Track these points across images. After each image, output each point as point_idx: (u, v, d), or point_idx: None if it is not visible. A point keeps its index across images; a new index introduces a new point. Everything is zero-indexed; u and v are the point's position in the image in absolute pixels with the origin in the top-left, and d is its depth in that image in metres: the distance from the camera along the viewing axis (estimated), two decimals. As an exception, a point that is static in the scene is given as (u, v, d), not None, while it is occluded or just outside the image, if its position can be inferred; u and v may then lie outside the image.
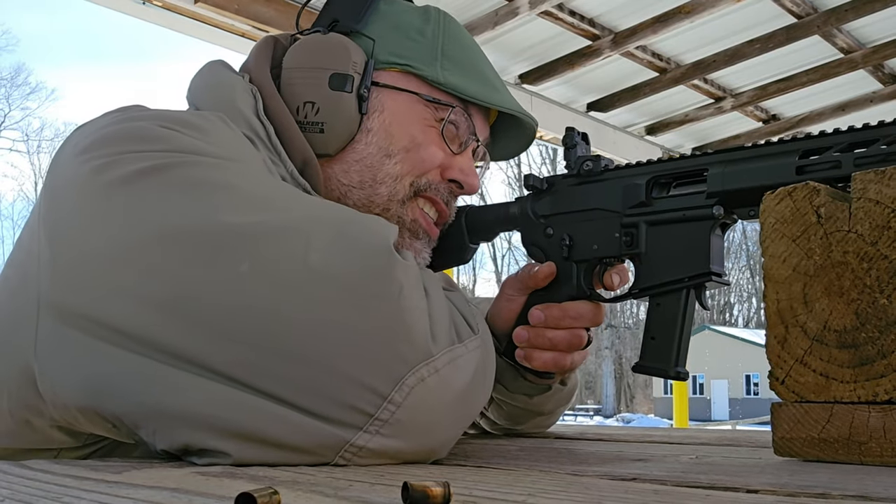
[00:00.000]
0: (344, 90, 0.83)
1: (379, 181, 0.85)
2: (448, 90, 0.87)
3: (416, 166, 0.86)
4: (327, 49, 0.85)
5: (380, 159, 0.85)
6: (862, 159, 0.66)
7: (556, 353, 0.88)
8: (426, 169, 0.87)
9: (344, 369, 0.58)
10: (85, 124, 0.74)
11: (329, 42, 0.85)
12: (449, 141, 0.88)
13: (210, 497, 0.43)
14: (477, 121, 0.91)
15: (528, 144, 0.98)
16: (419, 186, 0.87)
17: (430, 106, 0.87)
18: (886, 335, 0.56)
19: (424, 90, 0.87)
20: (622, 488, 0.47)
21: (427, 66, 0.87)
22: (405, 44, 0.88)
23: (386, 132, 0.85)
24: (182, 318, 0.59)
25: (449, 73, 0.87)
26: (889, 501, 0.40)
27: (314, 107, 0.83)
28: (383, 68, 0.87)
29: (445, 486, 0.39)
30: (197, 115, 0.74)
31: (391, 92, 0.86)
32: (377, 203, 0.85)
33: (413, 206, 0.87)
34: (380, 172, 0.85)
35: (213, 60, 0.88)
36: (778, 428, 0.62)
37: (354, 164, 0.85)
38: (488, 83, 0.90)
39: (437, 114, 0.87)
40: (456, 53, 0.89)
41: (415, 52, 0.87)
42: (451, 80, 0.87)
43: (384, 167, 0.85)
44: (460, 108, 0.88)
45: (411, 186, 0.86)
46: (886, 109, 4.44)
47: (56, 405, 0.65)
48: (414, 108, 0.87)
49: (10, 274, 0.71)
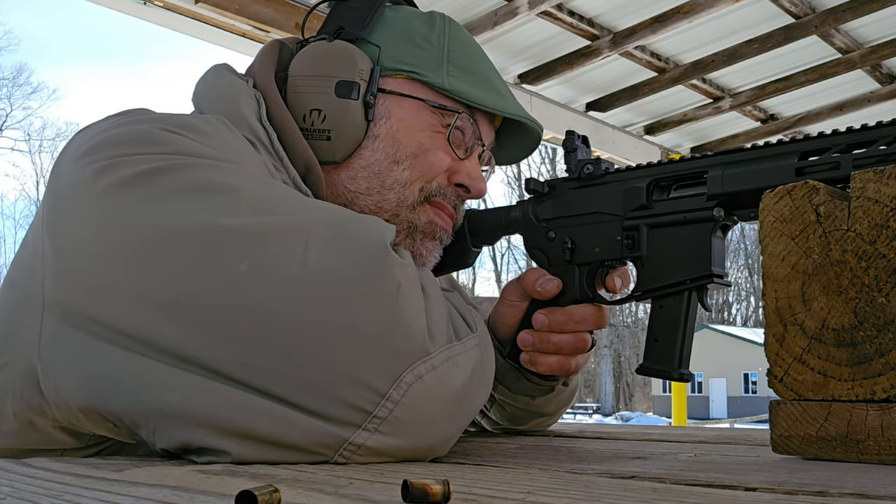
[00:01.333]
0: (350, 97, 0.84)
1: (388, 187, 0.86)
2: (454, 97, 0.87)
3: (424, 172, 0.87)
4: (333, 56, 0.85)
5: (388, 166, 0.86)
6: (860, 160, 0.66)
7: (561, 357, 0.89)
8: (434, 174, 0.88)
9: (342, 367, 0.59)
10: (87, 127, 0.75)
11: (335, 49, 0.86)
12: (455, 146, 0.89)
13: (211, 495, 0.43)
14: (482, 126, 0.91)
15: (532, 149, 0.98)
16: (429, 192, 0.88)
17: (436, 112, 0.88)
18: (884, 334, 0.57)
19: (431, 97, 0.87)
20: (621, 486, 0.47)
21: (433, 72, 0.87)
22: (411, 51, 0.88)
23: (393, 139, 0.86)
24: (181, 318, 0.60)
25: (455, 80, 0.88)
26: (886, 499, 0.41)
27: (321, 114, 0.84)
28: (389, 75, 0.87)
29: (445, 484, 0.39)
30: (199, 118, 0.74)
31: (397, 98, 0.87)
32: (386, 209, 0.86)
33: (425, 209, 0.88)
34: (388, 179, 0.86)
35: (218, 64, 0.88)
36: (776, 426, 0.62)
37: (362, 171, 0.86)
38: (494, 89, 0.91)
39: (443, 120, 0.88)
40: (461, 60, 0.90)
41: (421, 58, 0.88)
42: (457, 87, 0.87)
43: (392, 173, 0.86)
44: (466, 114, 0.89)
45: (420, 192, 0.87)
46: (884, 109, 4.44)
47: (58, 405, 0.65)
48: (420, 115, 0.87)
49: (15, 275, 0.72)
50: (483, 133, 0.91)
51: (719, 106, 4.49)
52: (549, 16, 3.51)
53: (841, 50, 3.92)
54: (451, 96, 0.88)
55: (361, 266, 0.62)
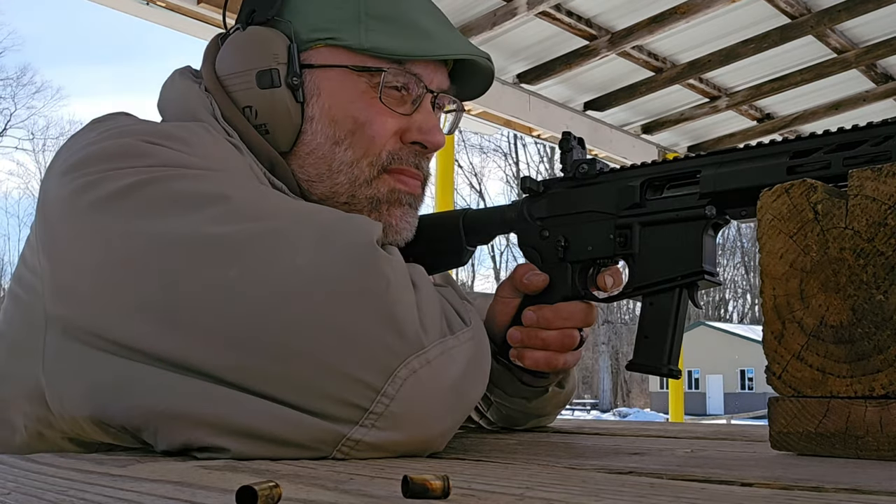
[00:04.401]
0: (273, 86, 0.80)
1: (335, 171, 0.82)
2: (375, 54, 0.81)
3: (367, 147, 0.82)
4: (245, 47, 0.82)
5: (330, 148, 0.82)
6: (851, 160, 0.67)
7: (549, 353, 0.88)
8: (380, 146, 0.82)
9: (336, 365, 0.59)
10: (70, 139, 0.75)
11: (246, 39, 0.82)
12: (395, 106, 0.83)
13: (212, 490, 0.43)
14: (426, 72, 0.84)
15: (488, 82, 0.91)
16: (381, 164, 0.83)
17: (363, 75, 0.81)
18: (882, 331, 0.57)
19: (353, 60, 0.81)
20: (619, 481, 0.47)
21: (349, 33, 0.81)
22: (325, 14, 0.82)
23: (328, 117, 0.81)
24: (175, 325, 0.61)
25: (374, 34, 0.81)
26: (882, 494, 0.41)
27: (252, 110, 0.81)
28: (309, 48, 0.81)
29: (445, 480, 0.39)
30: (179, 126, 0.74)
31: (322, 71, 0.81)
32: (340, 192, 0.82)
33: (383, 179, 0.83)
34: (333, 162, 0.82)
35: (178, 69, 0.87)
36: (775, 422, 0.62)
37: (308, 158, 0.82)
38: (423, 33, 0.83)
39: (371, 80, 0.81)
40: (381, 8, 0.82)
41: (336, 21, 0.81)
42: (376, 42, 0.80)
43: (336, 156, 0.82)
44: (396, 69, 0.82)
45: (371, 166, 0.82)
46: (879, 108, 4.46)
47: (64, 417, 0.66)
48: (347, 83, 0.81)
49: (18, 290, 0.72)
50: (426, 79, 0.84)
51: (716, 105, 4.50)
52: (548, 16, 3.51)
53: (836, 50, 3.93)
54: (373, 54, 0.81)
55: (350, 265, 0.62)
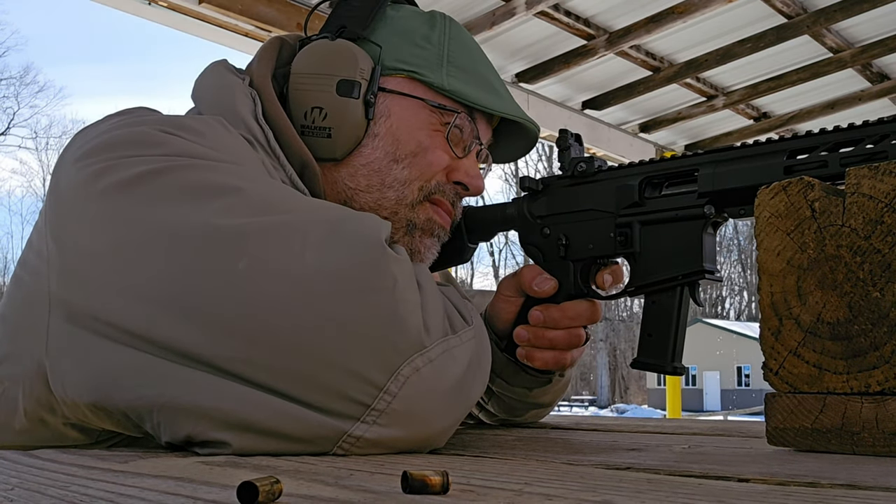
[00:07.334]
0: (351, 96, 0.84)
1: (387, 185, 0.86)
2: (453, 97, 0.88)
3: (423, 170, 0.88)
4: (335, 55, 0.86)
5: (387, 164, 0.86)
6: (847, 158, 0.67)
7: (557, 352, 0.90)
8: (433, 173, 0.89)
9: (340, 361, 0.59)
10: (86, 128, 0.75)
11: (337, 48, 0.86)
12: (454, 145, 0.90)
13: (214, 485, 0.43)
14: (480, 125, 0.92)
15: (529, 148, 0.99)
16: (428, 190, 0.88)
17: (435, 111, 0.89)
18: (879, 327, 0.57)
19: (430, 96, 0.88)
20: (616, 477, 0.48)
21: (433, 72, 0.88)
22: (411, 50, 0.89)
23: (393, 137, 0.87)
24: (181, 315, 0.61)
25: (454, 80, 0.89)
26: (877, 490, 0.41)
27: (321, 112, 0.84)
28: (390, 74, 0.88)
29: (444, 475, 0.39)
30: (196, 119, 0.75)
31: (398, 98, 0.88)
32: (385, 206, 0.87)
33: (424, 207, 0.89)
34: (388, 177, 0.86)
35: (216, 61, 0.88)
36: (772, 418, 0.63)
37: (361, 169, 0.86)
38: (492, 90, 0.92)
39: (442, 119, 0.89)
40: (461, 60, 0.91)
41: (421, 58, 0.89)
42: (455, 87, 0.88)
43: (392, 172, 0.86)
44: (465, 114, 0.90)
45: (420, 190, 0.88)
46: (874, 107, 4.47)
47: (67, 402, 0.66)
48: (420, 114, 0.88)
49: (22, 274, 0.73)
50: (481, 132, 0.92)
51: (713, 104, 4.51)
52: (546, 16, 3.52)
53: (832, 49, 3.93)
54: (449, 96, 0.88)
55: (358, 262, 0.62)
